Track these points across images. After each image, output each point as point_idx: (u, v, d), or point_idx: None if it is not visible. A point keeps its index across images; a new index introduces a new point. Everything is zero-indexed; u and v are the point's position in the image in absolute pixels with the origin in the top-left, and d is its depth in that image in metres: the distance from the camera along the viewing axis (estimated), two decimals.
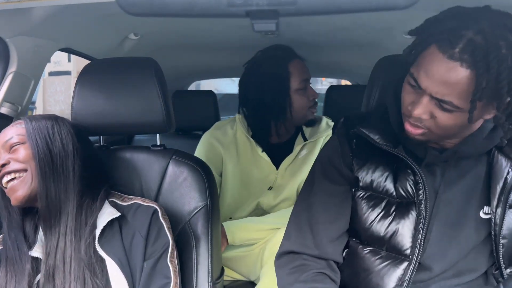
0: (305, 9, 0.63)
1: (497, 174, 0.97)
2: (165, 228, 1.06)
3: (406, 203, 0.98)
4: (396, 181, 1.00)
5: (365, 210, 1.01)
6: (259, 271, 1.46)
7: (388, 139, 1.00)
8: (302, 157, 1.66)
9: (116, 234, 1.03)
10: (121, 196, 1.11)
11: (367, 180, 1.02)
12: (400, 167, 1.00)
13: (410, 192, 0.98)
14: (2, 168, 1.03)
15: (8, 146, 1.05)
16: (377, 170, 1.01)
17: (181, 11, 0.64)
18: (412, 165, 0.97)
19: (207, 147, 1.70)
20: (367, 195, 1.02)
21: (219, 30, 1.72)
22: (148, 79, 1.19)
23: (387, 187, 1.00)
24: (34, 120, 1.08)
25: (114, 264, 1.00)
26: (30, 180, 1.02)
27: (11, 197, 1.02)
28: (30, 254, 1.02)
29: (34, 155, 1.02)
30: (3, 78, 1.32)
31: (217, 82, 7.55)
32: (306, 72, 1.63)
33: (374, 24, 1.63)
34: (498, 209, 0.96)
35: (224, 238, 1.51)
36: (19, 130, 1.06)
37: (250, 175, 1.66)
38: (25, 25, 1.24)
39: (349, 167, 1.04)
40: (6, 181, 1.02)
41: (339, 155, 1.05)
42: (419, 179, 0.97)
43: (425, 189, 0.96)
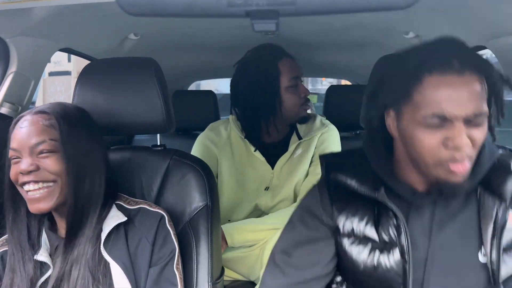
0: (305, 9, 0.63)
1: (487, 216, 0.91)
2: (171, 235, 1.06)
3: (389, 246, 0.93)
4: (378, 225, 0.95)
5: (350, 255, 0.97)
6: (259, 271, 1.46)
7: (368, 181, 0.95)
8: (298, 156, 1.65)
9: (121, 238, 1.03)
10: (126, 199, 1.10)
11: (348, 228, 0.97)
12: (381, 210, 0.95)
13: (392, 236, 0.93)
14: (27, 174, 0.95)
15: (37, 151, 0.96)
16: (357, 215, 0.97)
17: (181, 11, 0.64)
18: (392, 207, 0.92)
19: (202, 148, 1.71)
20: (350, 242, 0.97)
21: (219, 30, 1.72)
22: (148, 79, 1.19)
23: (369, 233, 0.95)
24: (67, 123, 0.99)
25: (118, 268, 1.00)
26: (58, 194, 0.97)
27: (31, 205, 0.97)
28: (36, 258, 1.00)
29: (68, 171, 0.97)
30: (3, 78, 1.32)
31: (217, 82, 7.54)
32: (296, 70, 1.62)
33: (374, 24, 1.63)
34: (492, 254, 0.89)
35: (223, 241, 1.51)
36: (51, 132, 0.97)
37: (246, 175, 1.66)
38: (25, 25, 1.24)
39: (329, 214, 0.99)
40: (28, 189, 0.96)
41: (318, 203, 1.00)
42: (401, 222, 0.91)
43: (406, 233, 0.91)
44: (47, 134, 0.97)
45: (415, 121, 0.84)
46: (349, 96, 2.35)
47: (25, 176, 0.95)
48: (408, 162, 0.93)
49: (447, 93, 0.81)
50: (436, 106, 0.81)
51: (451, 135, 0.81)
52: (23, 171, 0.95)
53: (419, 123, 0.84)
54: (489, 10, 1.17)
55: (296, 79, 1.61)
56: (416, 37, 1.66)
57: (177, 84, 2.82)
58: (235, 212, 1.67)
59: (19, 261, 0.99)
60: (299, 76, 1.63)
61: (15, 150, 0.98)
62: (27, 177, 0.95)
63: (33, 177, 0.95)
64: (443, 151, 0.83)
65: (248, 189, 1.66)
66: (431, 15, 1.38)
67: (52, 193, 0.97)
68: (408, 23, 1.57)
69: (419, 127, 0.84)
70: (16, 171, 0.97)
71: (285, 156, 1.64)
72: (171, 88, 1.73)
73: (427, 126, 0.83)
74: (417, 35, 1.64)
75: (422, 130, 0.84)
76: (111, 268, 1.00)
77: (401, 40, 1.71)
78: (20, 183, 0.97)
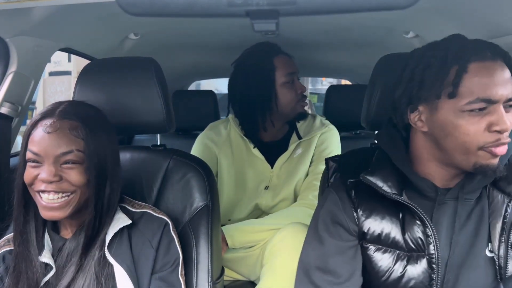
0: (305, 9, 0.63)
1: (496, 213, 0.94)
2: (175, 242, 1.06)
3: (416, 256, 0.94)
4: (404, 231, 0.95)
5: (376, 263, 0.96)
6: (259, 271, 1.46)
7: (395, 184, 0.95)
8: (298, 156, 1.66)
9: (125, 241, 1.02)
10: (131, 202, 1.10)
11: (374, 233, 0.96)
12: (406, 215, 0.95)
13: (420, 244, 0.94)
14: (48, 183, 0.92)
15: (62, 161, 0.93)
16: (383, 220, 0.96)
17: (181, 11, 0.64)
18: (423, 216, 0.93)
19: (202, 148, 1.71)
20: (376, 248, 0.97)
21: (219, 30, 1.72)
22: (148, 79, 1.19)
23: (396, 239, 0.95)
24: (92, 130, 0.96)
25: (122, 270, 1.00)
26: (75, 203, 0.96)
27: (45, 212, 0.94)
28: (40, 259, 0.99)
29: (90, 182, 0.95)
30: (3, 78, 1.32)
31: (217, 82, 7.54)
32: (292, 66, 1.63)
33: (374, 24, 1.63)
34: (500, 250, 0.92)
35: (224, 242, 1.51)
36: (78, 143, 0.94)
37: (245, 174, 1.66)
38: (25, 25, 1.24)
39: (353, 220, 0.98)
40: (46, 198, 0.93)
41: (340, 210, 0.99)
42: (429, 231, 0.93)
43: (436, 243, 0.92)
44: (74, 144, 0.94)
45: (458, 110, 0.86)
46: (349, 96, 2.36)
47: (45, 185, 0.92)
48: (430, 156, 0.95)
49: (489, 78, 0.84)
50: (481, 91, 0.84)
51: (495, 119, 0.84)
52: (45, 180, 0.92)
53: (462, 111, 0.86)
54: (489, 10, 1.17)
55: (292, 75, 1.62)
56: (416, 37, 1.66)
57: (177, 84, 2.82)
58: (235, 212, 1.67)
59: (25, 261, 0.98)
60: (295, 72, 1.63)
61: (36, 154, 0.93)
62: (46, 186, 0.92)
63: (54, 187, 0.92)
64: (487, 135, 0.85)
65: (247, 187, 1.66)
66: (431, 15, 1.38)
67: (69, 203, 0.95)
68: (408, 23, 1.57)
69: (462, 115, 0.86)
70: (33, 176, 0.94)
71: (285, 156, 1.65)
72: (171, 88, 1.73)
73: (471, 113, 0.85)
74: (417, 35, 1.64)
75: (467, 118, 0.86)
76: (115, 270, 1.00)
77: (401, 40, 1.71)
78: (37, 190, 0.94)
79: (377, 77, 1.20)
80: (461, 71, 0.85)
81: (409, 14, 1.41)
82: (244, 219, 1.65)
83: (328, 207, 1.02)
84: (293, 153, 1.66)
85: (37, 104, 10.54)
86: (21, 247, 0.99)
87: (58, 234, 1.04)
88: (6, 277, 1.00)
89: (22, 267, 0.98)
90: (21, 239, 1.00)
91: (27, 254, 0.99)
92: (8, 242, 1.04)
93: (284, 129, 1.71)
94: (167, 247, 1.05)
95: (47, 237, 1.03)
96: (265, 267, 1.40)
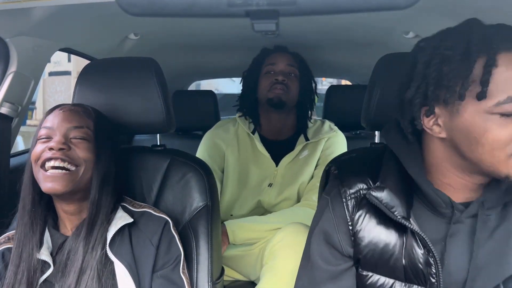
0: (305, 9, 0.63)
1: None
2: (176, 240, 1.07)
3: (417, 284, 0.84)
4: (405, 256, 0.83)
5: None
6: (259, 271, 1.46)
7: (402, 200, 0.82)
8: (304, 157, 1.69)
9: (126, 239, 1.03)
10: (131, 201, 1.11)
11: (372, 259, 0.86)
12: (409, 237, 0.83)
13: (420, 275, 0.83)
14: (57, 151, 0.96)
15: (72, 135, 1.00)
16: (383, 244, 0.85)
17: (181, 11, 0.64)
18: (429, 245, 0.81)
19: (210, 144, 1.76)
20: (370, 276, 0.87)
21: (219, 30, 1.72)
22: (148, 79, 1.19)
23: (395, 267, 0.84)
24: (100, 118, 1.06)
25: (123, 268, 1.00)
26: (75, 180, 0.98)
27: (47, 183, 0.96)
28: (38, 256, 0.99)
29: (97, 162, 1.00)
30: (3, 78, 1.32)
31: (217, 82, 7.54)
32: (274, 59, 1.72)
33: (374, 24, 1.63)
34: None
35: (225, 237, 1.52)
36: (89, 122, 1.03)
37: (249, 170, 1.69)
38: (25, 25, 1.24)
39: (348, 243, 0.88)
40: (51, 165, 0.96)
41: (335, 231, 0.89)
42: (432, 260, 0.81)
43: (439, 276, 0.80)
44: (85, 122, 1.02)
45: (486, 112, 0.72)
46: (349, 96, 2.36)
47: (52, 152, 0.96)
48: (450, 166, 0.81)
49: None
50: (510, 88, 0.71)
51: None
52: (54, 147, 0.96)
53: (492, 114, 0.72)
54: (489, 10, 1.17)
55: (271, 65, 1.70)
56: (416, 37, 1.66)
57: (177, 84, 2.82)
58: (237, 207, 1.69)
59: (23, 258, 0.99)
60: (273, 63, 1.71)
61: (49, 128, 1.00)
62: (54, 153, 0.96)
63: (60, 154, 0.96)
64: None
65: (250, 183, 1.68)
66: (431, 15, 1.38)
67: (70, 177, 0.97)
68: (408, 23, 1.57)
69: (492, 118, 0.72)
70: (41, 149, 0.97)
71: (290, 155, 1.68)
72: (171, 88, 1.73)
73: (503, 114, 0.71)
74: (417, 35, 1.64)
75: (497, 121, 0.71)
76: (116, 268, 1.00)
77: (401, 40, 1.71)
78: (44, 159, 0.96)
79: (377, 77, 1.20)
80: (490, 65, 0.71)
81: (409, 14, 1.41)
82: (246, 215, 1.66)
83: (323, 226, 0.93)
84: (299, 154, 1.69)
85: (37, 104, 10.55)
86: (20, 242, 1.00)
87: (59, 232, 1.04)
88: (5, 274, 1.00)
89: (19, 264, 0.98)
90: (21, 235, 1.00)
91: (26, 250, 0.99)
92: (8, 239, 1.05)
93: (288, 129, 1.75)
94: (168, 245, 1.05)
95: (47, 235, 1.04)
96: (265, 267, 1.40)
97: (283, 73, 1.68)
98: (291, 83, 1.68)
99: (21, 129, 1.48)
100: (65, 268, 0.99)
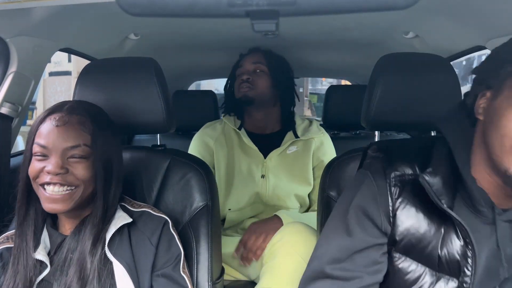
0: (305, 9, 0.63)
1: None
2: (176, 239, 1.07)
3: (448, 276, 0.84)
4: (442, 247, 0.83)
5: (401, 275, 0.86)
6: (259, 270, 1.46)
7: (449, 190, 0.83)
8: (293, 152, 1.75)
9: (125, 239, 1.03)
10: (130, 201, 1.10)
11: (409, 243, 0.85)
12: (449, 228, 0.83)
13: (455, 267, 0.83)
14: (54, 176, 0.93)
15: (69, 154, 0.95)
16: (423, 230, 0.84)
17: (181, 11, 0.64)
18: (470, 236, 0.80)
19: (199, 143, 1.82)
20: (403, 260, 0.86)
21: (219, 30, 1.72)
22: (148, 79, 1.19)
23: (429, 256, 0.84)
24: (99, 126, 0.99)
25: (121, 268, 1.00)
26: (78, 197, 0.96)
27: (48, 204, 0.95)
28: (34, 256, 0.99)
29: (97, 178, 0.97)
30: (3, 78, 1.32)
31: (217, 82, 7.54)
32: (243, 61, 1.79)
33: (374, 24, 1.63)
34: None
35: (278, 220, 1.56)
36: (86, 138, 0.96)
37: (240, 162, 1.74)
38: (25, 25, 1.24)
39: (388, 220, 0.86)
40: (51, 190, 0.94)
41: (377, 204, 0.87)
42: (470, 253, 0.81)
43: (475, 269, 0.81)
44: (82, 139, 0.96)
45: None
46: (349, 96, 2.36)
47: (50, 176, 0.93)
48: (477, 155, 0.82)
49: None
50: None
51: None
52: (51, 172, 0.93)
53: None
54: (489, 10, 1.17)
55: (240, 68, 1.78)
56: (416, 37, 1.66)
57: (177, 84, 2.83)
58: (234, 201, 1.72)
59: (20, 257, 0.98)
60: (241, 65, 1.78)
61: (43, 147, 0.95)
62: (52, 178, 0.93)
63: (59, 179, 0.93)
64: None
65: (242, 175, 1.72)
66: (431, 15, 1.38)
67: (72, 196, 0.96)
68: (408, 23, 1.57)
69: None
70: (39, 168, 0.95)
71: (278, 150, 1.74)
72: (171, 88, 1.73)
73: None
74: (417, 35, 1.64)
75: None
76: (114, 268, 1.00)
77: (401, 40, 1.71)
78: (42, 183, 0.95)
79: (377, 77, 1.20)
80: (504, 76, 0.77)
81: (409, 14, 1.41)
82: (244, 208, 1.70)
83: (363, 196, 0.89)
84: (287, 149, 1.75)
85: (37, 104, 10.54)
86: (17, 242, 1.00)
87: (57, 231, 1.04)
88: (2, 274, 1.00)
89: (17, 263, 0.98)
90: (19, 234, 1.00)
91: (23, 250, 0.99)
92: (7, 239, 1.05)
93: (273, 123, 1.82)
94: (168, 245, 1.05)
95: (45, 234, 1.03)
96: (265, 267, 1.40)
97: (248, 72, 1.75)
98: (256, 79, 1.74)
99: (21, 129, 1.48)
100: (63, 267, 0.99)
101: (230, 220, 1.71)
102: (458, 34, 1.42)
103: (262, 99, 1.74)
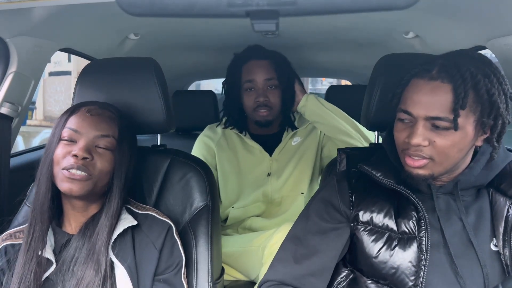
0: (305, 9, 0.63)
1: (498, 214, 0.98)
2: (179, 245, 1.07)
3: (407, 238, 0.98)
4: (398, 216, 1.00)
5: (367, 244, 1.01)
6: (259, 270, 1.46)
7: (391, 176, 1.02)
8: (297, 143, 1.75)
9: (129, 241, 1.03)
10: (134, 203, 1.11)
11: (367, 216, 1.02)
12: (402, 203, 1.01)
13: (412, 228, 0.98)
14: (78, 159, 0.96)
15: (97, 143, 1.00)
16: (377, 205, 1.02)
17: (181, 11, 0.64)
18: (415, 201, 0.99)
19: (201, 145, 1.81)
20: (368, 229, 1.02)
21: (219, 30, 1.72)
22: (148, 79, 1.19)
23: (388, 223, 1.00)
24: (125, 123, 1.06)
25: (123, 270, 1.00)
26: (92, 185, 0.99)
27: (66, 183, 0.96)
28: (40, 254, 0.99)
29: (115, 176, 1.02)
30: (3, 78, 1.32)
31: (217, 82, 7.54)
32: (252, 74, 1.66)
33: (374, 24, 1.63)
34: (505, 249, 0.96)
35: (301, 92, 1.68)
36: (114, 130, 1.03)
37: (246, 162, 1.73)
38: (25, 25, 1.24)
39: (346, 203, 1.05)
40: (73, 172, 0.96)
41: (336, 194, 1.07)
42: (422, 215, 0.98)
43: (427, 226, 0.96)
44: (112, 131, 1.03)
45: (397, 116, 0.98)
46: (349, 96, 2.36)
47: (75, 160, 0.96)
48: None
49: (418, 92, 0.93)
50: (406, 103, 0.95)
51: (412, 132, 0.93)
52: (78, 155, 0.96)
53: (397, 119, 0.98)
54: (489, 10, 1.17)
55: (249, 82, 1.66)
56: (416, 37, 1.66)
57: (177, 84, 2.83)
58: (240, 199, 1.72)
59: (32, 255, 0.98)
60: (251, 80, 1.66)
61: (75, 131, 0.99)
62: (76, 161, 0.96)
63: (82, 163, 0.96)
64: (405, 143, 0.96)
65: (248, 174, 1.72)
66: (431, 15, 1.38)
67: (88, 181, 0.98)
68: (408, 23, 1.57)
69: (396, 122, 0.98)
70: (65, 151, 0.98)
71: (281, 146, 1.74)
72: (171, 88, 1.73)
73: (398, 120, 0.97)
74: (417, 35, 1.64)
75: (397, 124, 0.98)
76: (116, 269, 1.00)
77: (401, 40, 1.71)
78: (65, 167, 0.96)
79: (377, 77, 1.20)
80: (403, 87, 0.97)
81: (409, 14, 1.41)
82: (249, 205, 1.70)
83: (325, 192, 1.10)
84: (291, 141, 1.75)
85: (37, 104, 10.55)
86: (28, 239, 1.00)
87: (62, 230, 1.04)
88: (7, 270, 1.00)
89: (27, 261, 0.98)
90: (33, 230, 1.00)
91: (32, 247, 0.99)
92: (10, 236, 1.05)
93: (275, 125, 1.78)
94: (171, 250, 1.06)
95: (50, 233, 1.03)
96: (265, 266, 1.40)
97: (263, 93, 1.66)
98: (272, 97, 1.67)
99: (21, 129, 1.48)
100: (69, 267, 0.99)
101: (233, 218, 1.71)
102: (458, 34, 1.42)
103: (278, 113, 1.73)
